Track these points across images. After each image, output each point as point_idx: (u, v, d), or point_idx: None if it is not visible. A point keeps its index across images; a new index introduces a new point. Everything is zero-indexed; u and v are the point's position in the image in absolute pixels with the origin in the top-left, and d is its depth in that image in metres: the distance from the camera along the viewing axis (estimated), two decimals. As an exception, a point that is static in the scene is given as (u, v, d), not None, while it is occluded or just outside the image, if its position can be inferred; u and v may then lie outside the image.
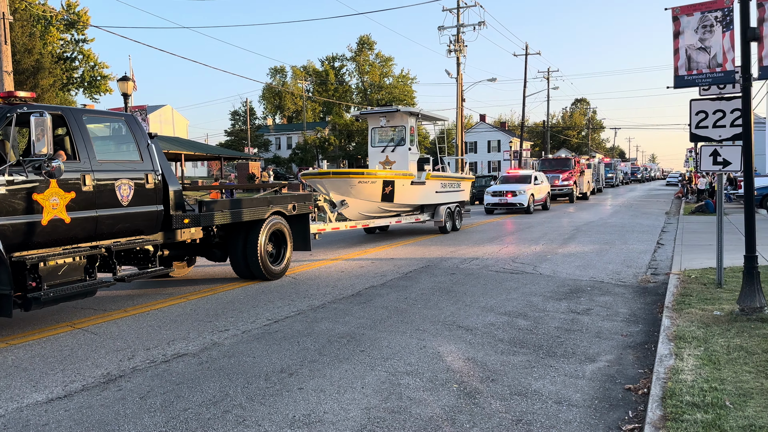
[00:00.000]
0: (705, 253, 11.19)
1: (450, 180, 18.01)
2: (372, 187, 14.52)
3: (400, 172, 15.40)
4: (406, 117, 16.34)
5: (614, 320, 7.00)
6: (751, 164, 6.73)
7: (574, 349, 5.83)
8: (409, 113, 16.36)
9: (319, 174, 14.23)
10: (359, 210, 14.80)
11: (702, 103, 7.74)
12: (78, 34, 52.77)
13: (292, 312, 7.53)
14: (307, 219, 10.96)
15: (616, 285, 9.18)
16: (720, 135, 7.67)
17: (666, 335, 5.73)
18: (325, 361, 5.52)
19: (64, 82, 49.88)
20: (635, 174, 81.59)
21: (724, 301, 6.97)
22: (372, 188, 14.53)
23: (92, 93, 54.70)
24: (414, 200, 16.08)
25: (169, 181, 8.35)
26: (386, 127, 16.63)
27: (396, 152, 16.41)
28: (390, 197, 14.98)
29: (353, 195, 14.30)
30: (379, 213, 15.56)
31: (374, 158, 16.68)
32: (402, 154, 16.29)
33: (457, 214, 18.08)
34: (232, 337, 6.42)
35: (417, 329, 6.61)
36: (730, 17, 6.66)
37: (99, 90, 54.67)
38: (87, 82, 54.33)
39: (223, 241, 9.71)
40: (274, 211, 9.91)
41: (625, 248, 13.34)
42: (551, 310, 7.53)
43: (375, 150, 16.85)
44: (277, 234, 10.07)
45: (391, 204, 15.28)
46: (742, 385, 4.28)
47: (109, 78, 54.39)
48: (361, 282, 9.60)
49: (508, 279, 9.72)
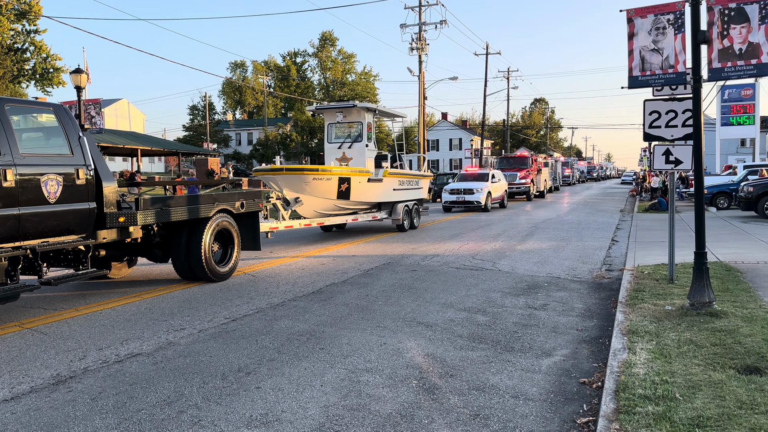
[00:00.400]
0: (658, 249, 11.50)
1: (408, 177, 17.80)
2: (327, 184, 14.18)
3: (357, 169, 15.10)
4: (363, 113, 16.08)
5: (570, 315, 7.13)
6: (701, 163, 6.93)
7: (531, 344, 5.92)
8: (366, 109, 16.08)
9: (272, 170, 13.73)
10: (314, 208, 14.45)
11: (655, 103, 7.94)
12: (29, 24, 50.94)
13: (250, 310, 7.43)
14: (256, 217, 10.57)
15: (572, 281, 9.35)
16: (672, 135, 7.88)
17: (619, 330, 5.87)
18: (284, 359, 5.46)
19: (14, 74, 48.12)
20: (591, 173, 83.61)
21: (676, 296, 7.17)
22: (327, 185, 14.18)
23: (44, 86, 52.92)
24: (371, 198, 15.83)
25: (103, 176, 7.82)
26: (343, 123, 16.36)
27: (353, 149, 16.14)
28: (346, 195, 14.66)
29: (308, 192, 13.94)
30: (335, 211, 15.22)
31: (331, 154, 16.36)
32: (359, 151, 16.03)
33: (415, 212, 17.91)
34: (188, 336, 6.29)
35: (377, 326, 6.60)
36: (682, 20, 6.84)
37: (51, 83, 52.92)
38: (39, 75, 52.52)
39: (164, 240, 9.25)
40: (220, 209, 9.49)
41: (581, 245, 13.61)
42: (509, 305, 7.62)
43: (331, 146, 16.50)
44: (223, 233, 9.64)
45: (347, 201, 14.98)
46: (691, 378, 4.41)
47: (62, 70, 52.70)
48: (322, 279, 9.54)
49: (468, 275, 9.81)
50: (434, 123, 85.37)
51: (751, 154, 41.26)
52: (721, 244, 12.04)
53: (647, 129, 7.98)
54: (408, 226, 17.31)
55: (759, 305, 6.57)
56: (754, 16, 6.35)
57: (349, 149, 16.15)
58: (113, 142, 37.95)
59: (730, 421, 3.66)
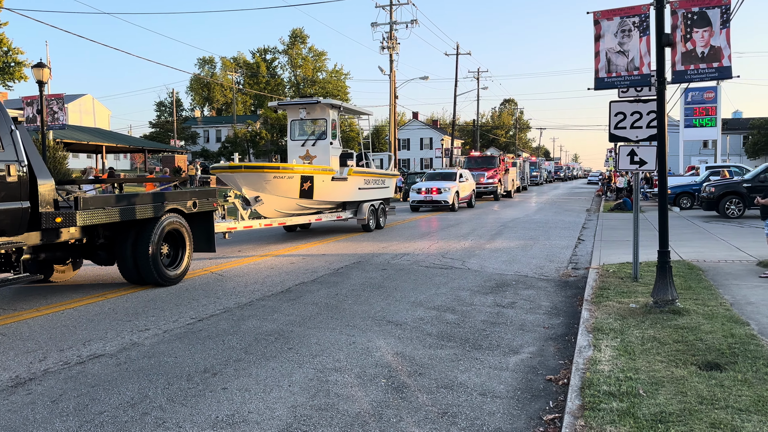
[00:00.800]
0: (622, 248, 11.71)
1: (374, 176, 17.45)
2: (289, 183, 13.72)
3: (320, 167, 14.66)
4: (327, 109, 15.61)
5: (537, 313, 7.21)
6: (665, 164, 7.08)
7: (499, 342, 5.96)
8: (330, 105, 15.64)
9: (230, 168, 13.18)
10: (276, 207, 13.98)
11: (621, 104, 8.08)
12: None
13: (217, 310, 7.33)
14: (210, 217, 10.10)
15: (539, 279, 9.46)
16: (637, 135, 8.03)
17: (585, 327, 5.95)
18: (251, 359, 5.39)
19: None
20: (558, 173, 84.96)
21: (640, 294, 7.31)
22: (289, 184, 13.72)
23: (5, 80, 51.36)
24: (335, 197, 15.44)
25: (39, 173, 7.37)
26: (306, 120, 15.91)
27: (317, 146, 15.66)
28: (309, 194, 14.23)
29: (269, 191, 13.48)
30: (297, 210, 14.75)
31: (294, 152, 15.87)
32: (323, 149, 15.58)
33: (381, 212, 17.61)
34: (153, 336, 6.18)
35: (347, 325, 6.58)
36: (647, 23, 6.97)
37: (13, 77, 51.34)
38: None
39: (109, 241, 8.67)
40: (170, 209, 8.98)
41: (549, 244, 13.79)
42: (478, 304, 7.68)
43: (295, 144, 16.02)
44: (173, 234, 9.15)
45: (310, 201, 14.55)
46: (654, 374, 4.49)
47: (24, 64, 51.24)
48: (291, 278, 9.47)
49: (438, 274, 9.85)
50: (405, 122, 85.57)
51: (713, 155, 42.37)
52: (684, 243, 12.32)
53: (613, 130, 8.12)
54: (374, 225, 17.04)
55: (720, 303, 6.73)
56: (716, 21, 6.51)
57: (313, 147, 15.70)
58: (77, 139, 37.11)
59: (691, 416, 3.74)
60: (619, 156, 8.41)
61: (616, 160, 8.63)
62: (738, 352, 4.92)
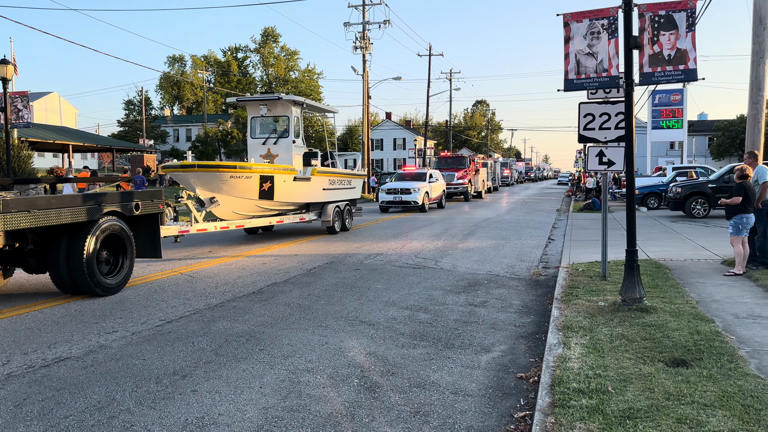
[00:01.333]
0: (591, 247, 11.90)
1: (339, 177, 16.84)
2: (247, 183, 12.97)
3: (281, 167, 13.94)
4: (289, 106, 14.83)
5: (508, 312, 7.27)
6: (632, 165, 7.21)
7: (471, 341, 6.00)
8: (293, 102, 14.86)
9: (183, 167, 12.35)
10: (233, 209, 13.16)
11: (589, 106, 8.20)
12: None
13: (187, 311, 7.23)
14: (156, 220, 9.44)
15: (510, 278, 9.55)
16: (605, 137, 8.16)
17: (555, 325, 6.03)
18: (221, 361, 5.33)
19: (-69, 62, 45.20)
20: (529, 173, 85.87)
21: (608, 293, 7.43)
22: (247, 184, 12.97)
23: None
24: (298, 198, 14.77)
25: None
26: (267, 117, 15.09)
27: (279, 145, 14.92)
28: (269, 194, 13.50)
29: (225, 192, 12.70)
30: (257, 212, 13.98)
31: (254, 151, 15.16)
32: (285, 147, 14.84)
33: (347, 213, 17.02)
34: (121, 338, 6.06)
35: (319, 326, 6.55)
36: (615, 25, 7.09)
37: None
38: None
39: (40, 247, 7.98)
40: (108, 211, 8.30)
41: (520, 243, 13.94)
42: (450, 303, 7.71)
43: (255, 142, 15.24)
44: (113, 239, 8.46)
45: (270, 202, 13.80)
46: (623, 371, 4.57)
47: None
48: (263, 279, 9.39)
49: (411, 274, 9.87)
50: (378, 122, 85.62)
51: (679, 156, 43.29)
52: (651, 242, 12.57)
53: (582, 131, 8.23)
54: (339, 227, 16.39)
55: (686, 301, 6.88)
56: (682, 24, 6.65)
57: (275, 145, 14.97)
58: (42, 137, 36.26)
59: (658, 412, 3.81)
60: (588, 157, 8.53)
61: (585, 160, 8.75)
62: (703, 348, 5.03)
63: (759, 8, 10.82)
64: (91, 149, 43.93)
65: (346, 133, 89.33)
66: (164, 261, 11.36)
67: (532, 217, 21.85)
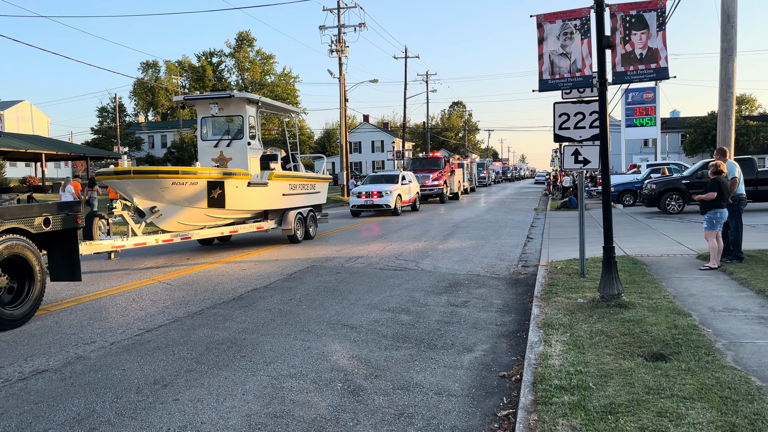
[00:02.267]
0: (569, 245, 12.02)
1: (301, 181, 15.69)
2: (193, 190, 11.83)
3: (233, 171, 12.85)
4: (243, 104, 13.74)
5: (489, 311, 7.32)
6: (607, 163, 7.30)
7: (453, 341, 6.03)
8: (247, 100, 13.78)
9: (117, 173, 11.06)
10: (179, 219, 12.03)
11: (564, 105, 8.29)
12: None
13: (166, 320, 7.15)
14: (73, 237, 8.08)
15: (491, 278, 9.61)
16: (580, 135, 8.25)
17: (535, 323, 6.08)
18: (203, 369, 5.28)
19: None
20: (506, 173, 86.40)
21: (587, 290, 7.51)
22: (193, 191, 11.84)
23: (-68, 85, 48.88)
24: (254, 205, 13.61)
25: None
26: (219, 117, 14.01)
27: (233, 147, 13.78)
28: (220, 202, 12.32)
29: (168, 200, 11.59)
30: (207, 222, 12.81)
31: (205, 155, 13.98)
32: (240, 150, 13.72)
33: (310, 220, 15.88)
34: (100, 349, 5.97)
35: (301, 330, 6.52)
36: (588, 26, 7.18)
37: (-59, 82, 48.95)
38: (-74, 73, 48.47)
39: None
40: (7, 229, 7.06)
41: (499, 243, 14.03)
42: (432, 304, 7.74)
43: (206, 144, 14.08)
44: (14, 261, 7.19)
45: (222, 210, 12.59)
46: (603, 367, 4.62)
47: (-47, 69, 48.89)
48: (243, 285, 9.33)
49: (392, 276, 9.88)
50: (356, 125, 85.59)
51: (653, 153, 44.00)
52: (628, 239, 12.74)
53: (557, 130, 8.32)
54: (301, 236, 15.27)
55: (663, 296, 6.99)
56: (653, 23, 6.76)
57: (228, 148, 13.81)
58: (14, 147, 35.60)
59: (639, 406, 3.86)
60: (564, 156, 8.63)
61: (561, 159, 8.85)
62: (681, 342, 5.11)
63: (727, 7, 11.05)
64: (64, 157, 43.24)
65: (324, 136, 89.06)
66: (142, 269, 11.23)
67: (510, 216, 22.01)
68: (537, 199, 34.24)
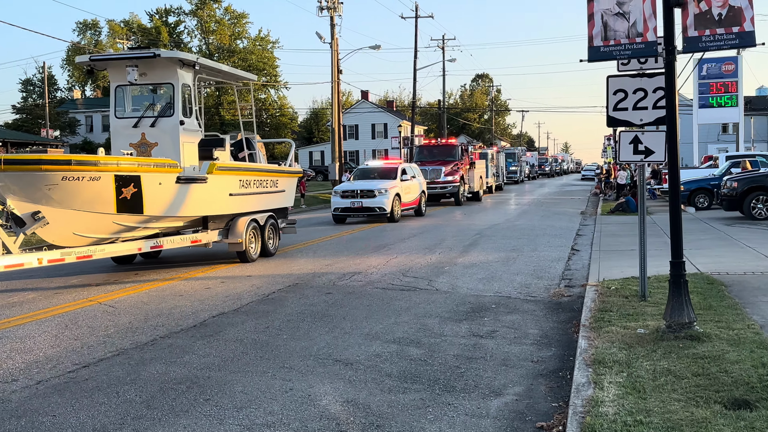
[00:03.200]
0: (626, 259, 12.02)
1: (258, 175, 14.34)
2: (93, 188, 10.51)
3: (154, 162, 11.62)
4: (174, 68, 12.54)
5: (523, 343, 7.32)
6: (676, 154, 7.29)
7: (477, 382, 6.03)
8: (179, 62, 12.58)
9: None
10: (75, 229, 10.82)
11: (620, 80, 8.30)
12: None
13: (109, 352, 7.17)
14: None
15: (525, 300, 9.62)
16: (641, 119, 8.25)
17: (583, 360, 6.08)
18: (155, 416, 5.30)
19: None
20: (543, 166, 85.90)
21: (649, 317, 7.51)
22: (94, 189, 10.52)
23: None
24: (187, 209, 12.32)
25: None
26: (141, 86, 12.93)
27: (159, 128, 12.56)
28: (134, 205, 11.05)
29: (57, 202, 10.31)
30: (117, 232, 11.68)
31: (121, 137, 12.75)
32: (169, 132, 12.49)
33: (270, 230, 14.61)
34: (23, 390, 5.99)
35: (282, 367, 6.54)
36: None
37: None
38: None
39: None
40: None
41: (536, 256, 14.04)
42: (449, 334, 7.75)
43: (122, 124, 12.90)
44: None
45: (138, 217, 11.44)
46: (670, 417, 4.62)
47: None
48: (207, 308, 9.35)
49: (398, 297, 9.89)
50: (352, 104, 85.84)
51: (734, 142, 43.90)
52: (701, 251, 12.73)
53: (611, 112, 8.33)
54: (256, 252, 13.98)
55: (747, 325, 6.98)
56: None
57: (153, 129, 12.58)
58: None
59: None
60: (620, 144, 8.63)
61: (616, 149, 8.85)
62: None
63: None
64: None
65: (311, 117, 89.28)
66: (76, 287, 11.26)
67: (550, 222, 22.03)
68: (584, 200, 34.28)
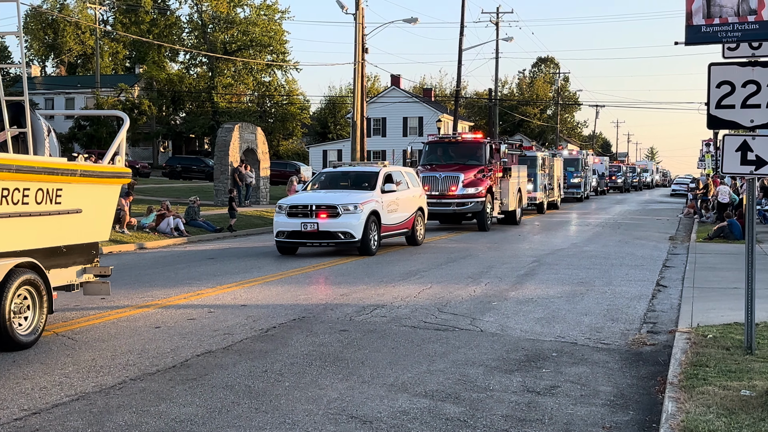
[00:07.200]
0: (728, 300, 11.90)
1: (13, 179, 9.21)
2: None
3: None
4: None
5: (592, 404, 7.26)
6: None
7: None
8: None
9: None
10: None
11: (726, 69, 8.23)
12: None
13: (66, 397, 7.23)
14: None
15: (595, 348, 9.55)
16: (752, 119, 8.18)
17: (670, 427, 6.01)
18: (122, 478, 5.32)
19: None
20: (614, 177, 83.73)
21: (757, 375, 7.42)
22: None
23: None
24: None
25: None
26: None
27: None
28: None
29: None
30: None
31: None
32: None
33: (33, 289, 9.49)
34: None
35: (283, 423, 6.55)
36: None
37: None
38: None
39: None
40: None
41: (610, 291, 13.95)
42: (497, 388, 7.71)
43: None
44: None
45: None
46: (781, 504, 4.55)
47: None
48: (190, 344, 9.40)
49: (432, 339, 9.87)
50: (380, 91, 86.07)
51: None
52: (824, 292, 12.55)
53: (713, 110, 8.27)
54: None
55: None
56: None
57: None
58: None
59: None
60: (724, 151, 8.55)
61: (717, 158, 8.78)
62: None
63: None
64: None
65: (326, 107, 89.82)
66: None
67: (628, 248, 21.89)
68: (674, 222, 34.01)
